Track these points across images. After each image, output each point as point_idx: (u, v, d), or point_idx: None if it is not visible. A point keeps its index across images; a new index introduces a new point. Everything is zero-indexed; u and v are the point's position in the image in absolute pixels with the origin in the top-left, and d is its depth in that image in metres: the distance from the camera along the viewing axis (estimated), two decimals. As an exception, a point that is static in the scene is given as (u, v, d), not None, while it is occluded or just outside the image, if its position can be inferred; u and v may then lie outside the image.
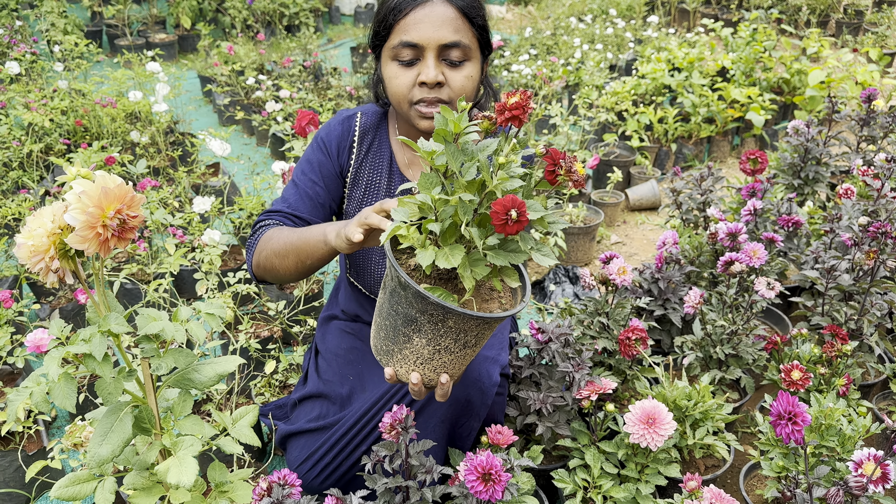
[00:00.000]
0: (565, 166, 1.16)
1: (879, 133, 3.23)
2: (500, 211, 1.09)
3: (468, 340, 1.24)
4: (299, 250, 1.54)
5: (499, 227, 1.10)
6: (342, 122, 1.80)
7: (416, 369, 1.26)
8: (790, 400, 1.24)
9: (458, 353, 1.26)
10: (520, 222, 1.10)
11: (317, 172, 1.76)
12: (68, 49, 4.49)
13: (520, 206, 1.09)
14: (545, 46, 5.54)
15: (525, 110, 1.14)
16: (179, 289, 2.80)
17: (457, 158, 1.18)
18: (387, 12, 1.60)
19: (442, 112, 1.18)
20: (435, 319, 1.20)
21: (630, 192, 3.75)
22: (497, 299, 1.32)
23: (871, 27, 6.08)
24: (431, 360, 1.25)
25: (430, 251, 1.18)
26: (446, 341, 1.23)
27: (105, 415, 1.20)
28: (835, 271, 2.14)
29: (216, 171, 3.84)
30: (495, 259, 1.19)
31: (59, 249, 1.11)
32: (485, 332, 1.26)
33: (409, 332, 1.23)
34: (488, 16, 1.70)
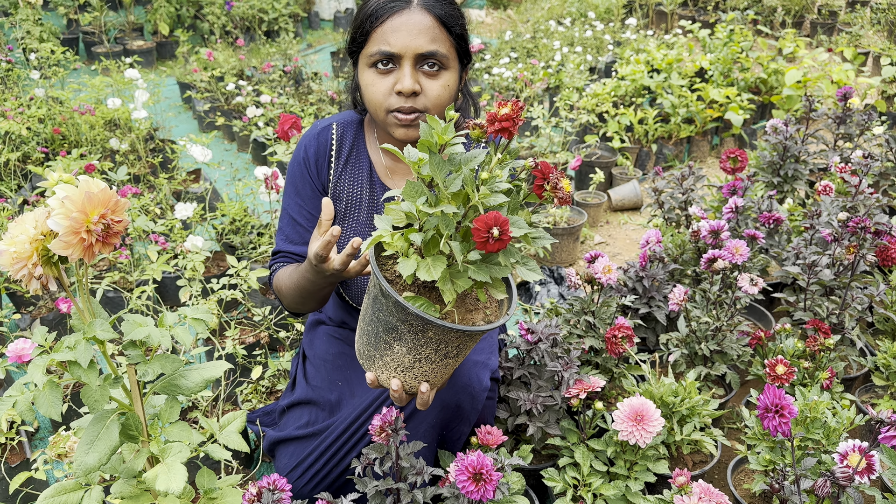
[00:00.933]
0: (551, 182, 1.14)
1: (856, 130, 3.28)
2: (482, 228, 1.07)
3: (449, 351, 1.24)
4: (299, 286, 1.59)
5: (480, 245, 1.08)
6: (318, 135, 1.77)
7: (397, 376, 1.26)
8: (777, 393, 1.26)
9: (438, 362, 1.25)
10: (501, 240, 1.07)
11: (302, 195, 1.76)
12: (44, 57, 4.45)
13: (502, 223, 1.07)
14: (525, 50, 5.56)
15: (515, 122, 1.12)
16: (163, 296, 2.77)
17: (441, 169, 1.16)
18: (364, 19, 1.58)
19: (429, 121, 1.17)
20: (415, 329, 1.19)
21: (612, 193, 3.77)
22: (482, 310, 1.31)
23: (845, 27, 6.17)
24: (412, 368, 1.24)
25: (413, 261, 1.17)
26: (427, 351, 1.22)
27: (91, 423, 1.19)
28: (816, 267, 2.16)
29: (197, 178, 3.81)
30: (476, 274, 1.18)
31: (42, 256, 1.10)
32: (467, 343, 1.25)
33: (389, 339, 1.23)
34: (468, 21, 1.69)
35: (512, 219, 1.14)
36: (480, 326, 1.20)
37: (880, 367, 2.08)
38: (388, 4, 1.55)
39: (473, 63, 5.05)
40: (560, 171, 1.17)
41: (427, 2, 1.56)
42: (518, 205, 1.20)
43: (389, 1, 1.56)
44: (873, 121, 3.25)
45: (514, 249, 1.21)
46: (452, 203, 1.16)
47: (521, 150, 3.72)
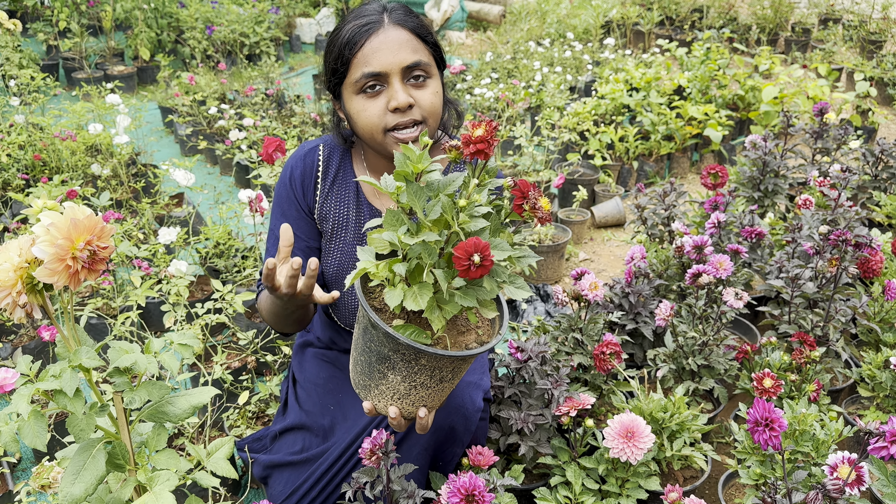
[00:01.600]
0: (530, 202, 1.13)
1: (833, 145, 3.33)
2: (463, 256, 1.06)
3: (444, 376, 1.23)
4: (276, 314, 1.61)
5: (462, 273, 1.07)
6: (304, 156, 1.77)
7: (394, 403, 1.25)
8: (766, 406, 1.26)
9: (434, 387, 1.25)
10: (483, 266, 1.06)
11: (287, 217, 1.76)
12: (24, 83, 4.42)
13: (483, 249, 1.06)
14: (506, 70, 5.61)
15: (490, 143, 1.11)
16: (147, 322, 2.74)
17: (420, 197, 1.15)
18: (341, 48, 1.58)
19: (403, 150, 1.16)
20: (407, 358, 1.19)
21: (595, 210, 3.80)
22: (474, 330, 1.30)
23: (819, 44, 6.29)
24: (408, 395, 1.24)
25: (399, 290, 1.16)
26: (421, 378, 1.22)
27: (77, 452, 1.17)
28: (799, 280, 2.19)
29: (180, 202, 3.79)
30: (463, 300, 1.17)
31: (26, 284, 1.09)
32: (461, 366, 1.24)
33: (383, 369, 1.22)
34: (448, 43, 1.72)
35: (493, 242, 1.14)
36: (473, 350, 1.20)
37: (866, 378, 2.10)
38: (362, 29, 1.56)
39: (455, 83, 5.08)
40: (538, 189, 1.17)
41: (398, 17, 1.59)
42: (499, 226, 1.19)
43: (362, 25, 1.57)
44: (849, 135, 3.31)
45: (501, 269, 1.20)
46: (434, 230, 1.15)
47: (504, 168, 3.74)
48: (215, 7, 6.92)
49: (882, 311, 2.31)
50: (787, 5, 6.73)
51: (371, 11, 1.59)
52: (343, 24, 1.61)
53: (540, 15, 7.26)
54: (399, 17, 1.59)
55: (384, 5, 1.62)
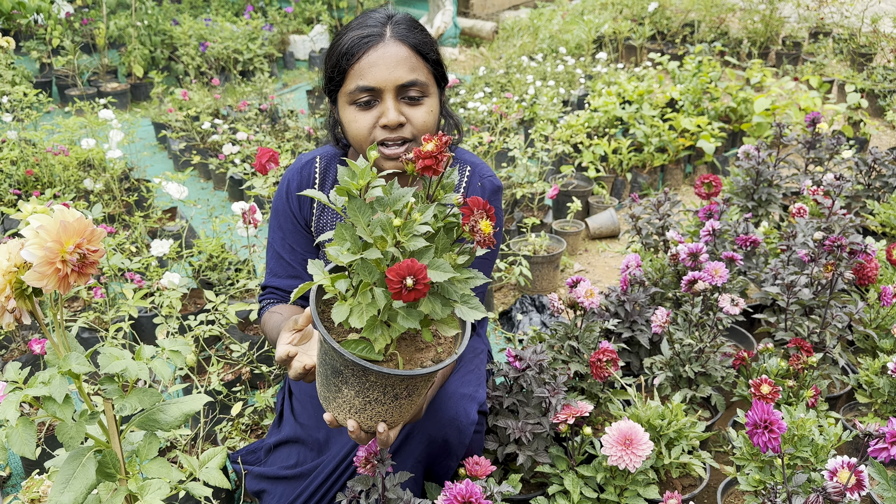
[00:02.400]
0: (469, 224, 1.09)
1: (825, 154, 3.34)
2: (395, 279, 1.02)
3: (398, 393, 1.20)
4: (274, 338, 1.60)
5: (395, 296, 1.03)
6: (301, 169, 1.76)
7: (352, 417, 1.23)
8: (765, 408, 1.25)
9: (389, 404, 1.22)
10: (417, 290, 1.02)
11: (283, 230, 1.76)
12: (17, 99, 4.41)
13: (417, 271, 1.02)
14: (499, 84, 5.63)
15: (439, 160, 1.08)
16: (139, 335, 2.72)
17: (363, 214, 1.12)
18: (339, 57, 1.57)
19: (348, 164, 1.14)
20: (357, 374, 1.17)
21: (590, 221, 3.80)
22: (433, 348, 1.27)
23: (809, 57, 6.34)
24: (364, 409, 1.22)
25: (346, 307, 1.13)
26: (374, 394, 1.20)
27: (66, 461, 1.15)
28: (794, 287, 2.18)
29: (173, 216, 3.78)
30: (406, 321, 1.13)
31: (15, 288, 1.07)
32: (416, 384, 1.21)
33: (338, 382, 1.21)
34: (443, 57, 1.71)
35: (434, 262, 1.09)
36: (418, 370, 1.16)
37: (863, 384, 2.09)
38: (362, 40, 1.54)
39: (449, 97, 5.10)
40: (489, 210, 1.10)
41: (400, 32, 1.56)
42: (447, 246, 1.15)
43: (363, 36, 1.55)
44: (842, 145, 3.32)
45: (453, 289, 1.15)
46: (380, 247, 1.11)
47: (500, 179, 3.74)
48: (209, 24, 6.94)
49: (878, 318, 2.30)
50: (778, 19, 6.79)
51: (374, 22, 1.57)
52: (345, 31, 1.59)
53: (532, 31, 7.31)
54: (401, 31, 1.56)
55: (389, 15, 1.59)
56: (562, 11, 7.53)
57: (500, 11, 8.78)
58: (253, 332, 2.65)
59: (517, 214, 3.57)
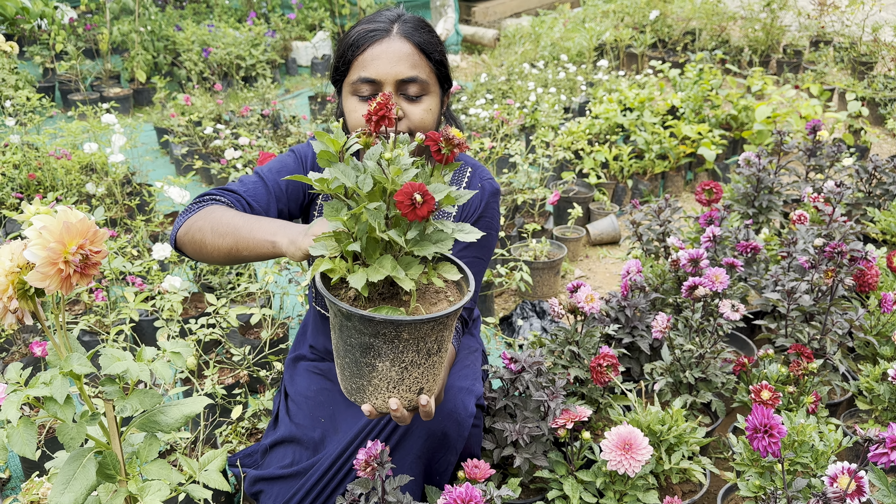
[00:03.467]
0: (443, 136, 1.18)
1: (826, 162, 3.35)
2: (404, 198, 1.11)
3: (430, 347, 1.23)
4: (241, 238, 1.42)
5: (409, 214, 1.11)
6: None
7: (393, 395, 1.24)
8: (765, 412, 1.25)
9: (424, 364, 1.24)
10: (426, 203, 1.11)
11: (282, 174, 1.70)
12: (20, 104, 4.43)
13: (420, 188, 1.11)
14: (500, 91, 5.65)
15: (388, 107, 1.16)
16: (140, 338, 2.72)
17: (348, 175, 1.18)
18: (345, 48, 1.62)
19: (316, 136, 1.20)
20: (389, 338, 1.18)
21: (591, 228, 3.80)
22: (444, 299, 1.31)
23: (810, 65, 6.36)
24: (403, 380, 1.23)
25: (361, 273, 1.17)
26: (409, 355, 1.21)
27: (67, 461, 1.15)
28: (795, 293, 2.18)
29: (174, 220, 3.78)
30: (422, 250, 1.19)
31: (17, 289, 1.08)
32: (443, 333, 1.24)
33: (370, 360, 1.21)
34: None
35: (431, 186, 1.18)
36: (447, 309, 1.20)
37: (864, 391, 2.09)
38: (368, 34, 1.59)
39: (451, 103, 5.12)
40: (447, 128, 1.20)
41: (406, 30, 1.60)
42: (428, 178, 1.23)
43: (370, 30, 1.59)
44: (842, 152, 3.32)
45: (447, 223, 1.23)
46: (373, 200, 1.19)
47: (501, 186, 3.75)
48: (212, 30, 6.96)
49: (879, 325, 2.30)
50: (779, 28, 6.81)
51: (383, 19, 1.62)
52: (356, 25, 1.63)
53: (534, 38, 7.33)
54: (407, 29, 1.61)
55: (399, 14, 1.63)
56: (563, 19, 7.56)
57: (502, 19, 8.81)
58: (254, 336, 2.65)
59: (518, 220, 3.58)
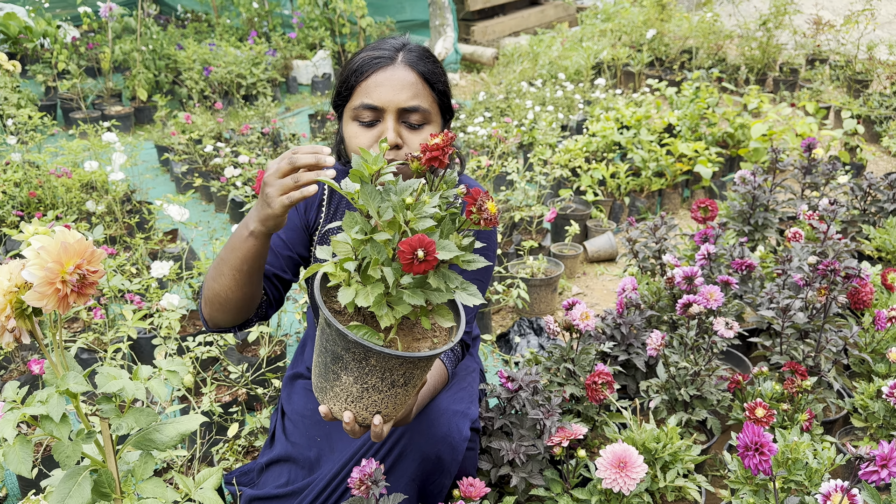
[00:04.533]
0: (478, 205, 1.17)
1: (822, 180, 3.37)
2: (407, 250, 1.09)
3: (395, 380, 1.24)
4: (228, 258, 1.44)
5: (406, 267, 1.10)
6: None
7: (348, 407, 1.26)
8: (755, 430, 1.26)
9: (387, 392, 1.25)
10: (427, 262, 1.09)
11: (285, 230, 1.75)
12: (22, 122, 4.47)
13: (427, 245, 1.09)
14: (499, 109, 5.69)
15: (445, 152, 1.16)
16: (138, 356, 2.73)
17: (374, 199, 1.18)
18: (349, 73, 1.64)
19: (361, 153, 1.20)
20: (358, 357, 1.20)
21: (588, 245, 3.82)
22: (429, 338, 1.31)
23: (806, 83, 6.41)
24: (361, 398, 1.25)
25: (352, 289, 1.18)
26: (372, 380, 1.22)
27: (62, 480, 1.16)
28: (789, 311, 2.20)
29: (174, 238, 3.80)
30: (411, 298, 1.18)
31: (15, 308, 1.09)
32: (413, 371, 1.24)
33: (336, 369, 1.24)
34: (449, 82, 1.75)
35: (441, 243, 1.17)
36: (420, 353, 1.20)
37: (858, 408, 2.09)
38: (373, 60, 1.61)
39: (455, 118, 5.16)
40: (488, 195, 1.20)
41: (411, 59, 1.62)
42: (451, 230, 1.22)
43: (374, 57, 1.61)
44: (838, 170, 3.35)
45: (453, 275, 1.22)
46: (388, 231, 1.18)
47: (498, 203, 3.77)
48: (213, 49, 7.03)
49: (873, 342, 2.31)
50: (775, 46, 6.87)
51: (388, 46, 1.64)
52: (361, 52, 1.66)
53: (532, 57, 7.39)
54: (412, 58, 1.62)
55: (404, 43, 1.66)
56: (561, 38, 7.62)
57: (501, 38, 8.89)
58: (250, 353, 2.66)
59: (516, 237, 3.60)
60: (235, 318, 1.56)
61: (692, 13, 8.10)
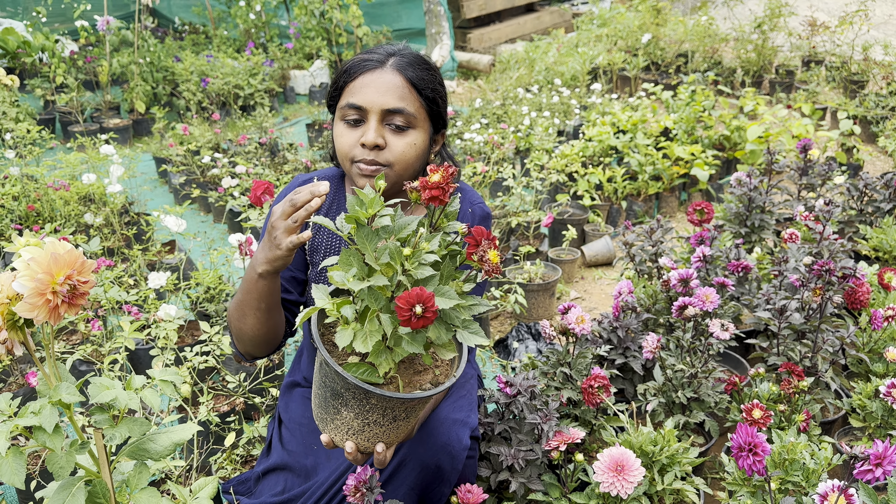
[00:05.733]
0: (478, 254, 1.14)
1: (818, 181, 3.38)
2: (405, 307, 1.06)
3: (398, 415, 1.23)
4: (246, 300, 1.53)
5: (404, 322, 1.07)
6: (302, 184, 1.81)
7: (350, 439, 1.26)
8: (749, 431, 1.26)
9: (388, 425, 1.24)
10: (425, 317, 1.06)
11: None
12: (20, 136, 4.48)
13: (426, 300, 1.06)
14: (495, 115, 5.70)
15: (445, 190, 1.13)
16: (136, 367, 2.73)
17: (371, 241, 1.16)
18: (340, 74, 1.68)
19: (357, 194, 1.17)
20: (358, 397, 1.19)
21: (585, 249, 3.82)
22: (431, 370, 1.30)
23: (802, 85, 6.42)
24: (362, 431, 1.25)
25: (350, 331, 1.16)
26: (374, 416, 1.22)
27: (56, 491, 1.16)
28: (786, 311, 2.19)
29: (172, 249, 3.81)
30: (410, 346, 1.16)
31: (6, 320, 1.09)
32: (415, 407, 1.24)
33: (337, 405, 1.23)
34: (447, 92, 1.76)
35: (440, 290, 1.13)
36: (422, 393, 1.19)
37: (856, 408, 2.09)
38: (363, 63, 1.64)
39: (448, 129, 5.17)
40: (493, 240, 1.15)
41: (400, 64, 1.64)
42: (452, 272, 1.19)
43: (365, 60, 1.65)
44: (834, 171, 3.35)
45: (454, 315, 1.19)
46: (385, 274, 1.15)
47: (494, 208, 3.78)
48: (210, 61, 7.05)
49: (870, 342, 2.31)
50: (771, 49, 6.88)
51: (381, 51, 1.67)
52: (355, 56, 1.69)
53: (528, 63, 7.41)
54: (402, 63, 1.64)
55: (398, 49, 1.68)
56: (557, 44, 7.65)
57: (497, 45, 8.91)
58: (249, 364, 2.66)
59: (513, 243, 3.60)
60: (269, 348, 1.66)
61: (687, 17, 8.13)
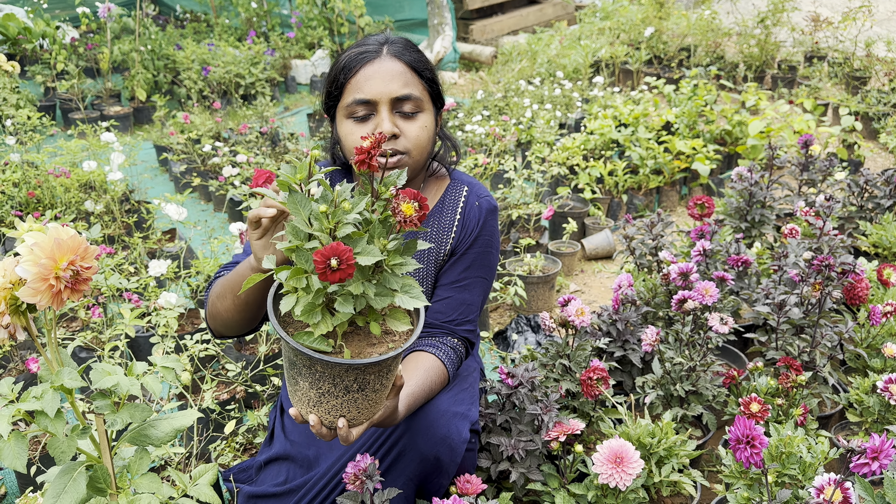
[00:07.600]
0: (392, 205, 1.18)
1: (818, 176, 3.38)
2: (320, 260, 1.09)
3: (349, 385, 1.23)
4: (232, 284, 1.55)
5: (321, 276, 1.10)
6: None
7: (312, 411, 1.27)
8: (747, 424, 1.27)
9: (343, 397, 1.24)
10: (342, 270, 1.08)
11: None
12: (21, 123, 4.47)
13: (342, 253, 1.08)
14: (497, 108, 5.69)
15: (371, 155, 1.16)
16: (136, 355, 2.74)
17: (304, 207, 1.18)
18: (337, 72, 1.65)
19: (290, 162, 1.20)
20: (307, 364, 1.21)
21: (586, 242, 3.82)
22: (386, 343, 1.29)
23: (804, 80, 6.41)
24: (320, 403, 1.25)
25: (293, 297, 1.19)
26: (325, 385, 1.23)
27: (58, 475, 1.16)
28: (785, 306, 2.20)
29: (172, 237, 3.81)
30: (342, 306, 1.17)
31: (9, 304, 1.10)
32: (366, 377, 1.24)
33: (294, 374, 1.26)
34: (441, 82, 1.76)
35: (363, 247, 1.16)
36: (362, 360, 1.20)
37: (854, 403, 2.10)
38: (359, 56, 1.63)
39: (448, 120, 5.15)
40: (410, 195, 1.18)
41: (396, 50, 1.64)
42: (381, 234, 1.22)
43: (360, 53, 1.63)
44: (835, 167, 3.35)
45: (395, 278, 1.22)
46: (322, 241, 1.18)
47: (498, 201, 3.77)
48: (212, 49, 7.03)
49: (869, 337, 2.32)
50: (773, 44, 6.86)
51: (372, 42, 1.66)
52: (345, 52, 1.68)
53: (530, 55, 7.39)
54: (397, 49, 1.64)
55: (387, 38, 1.68)
56: (559, 37, 7.62)
57: (499, 37, 8.89)
58: (249, 351, 2.67)
59: (513, 235, 3.60)
60: (237, 333, 1.66)
61: (690, 11, 8.10)
